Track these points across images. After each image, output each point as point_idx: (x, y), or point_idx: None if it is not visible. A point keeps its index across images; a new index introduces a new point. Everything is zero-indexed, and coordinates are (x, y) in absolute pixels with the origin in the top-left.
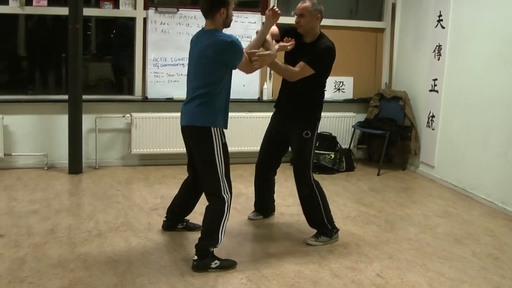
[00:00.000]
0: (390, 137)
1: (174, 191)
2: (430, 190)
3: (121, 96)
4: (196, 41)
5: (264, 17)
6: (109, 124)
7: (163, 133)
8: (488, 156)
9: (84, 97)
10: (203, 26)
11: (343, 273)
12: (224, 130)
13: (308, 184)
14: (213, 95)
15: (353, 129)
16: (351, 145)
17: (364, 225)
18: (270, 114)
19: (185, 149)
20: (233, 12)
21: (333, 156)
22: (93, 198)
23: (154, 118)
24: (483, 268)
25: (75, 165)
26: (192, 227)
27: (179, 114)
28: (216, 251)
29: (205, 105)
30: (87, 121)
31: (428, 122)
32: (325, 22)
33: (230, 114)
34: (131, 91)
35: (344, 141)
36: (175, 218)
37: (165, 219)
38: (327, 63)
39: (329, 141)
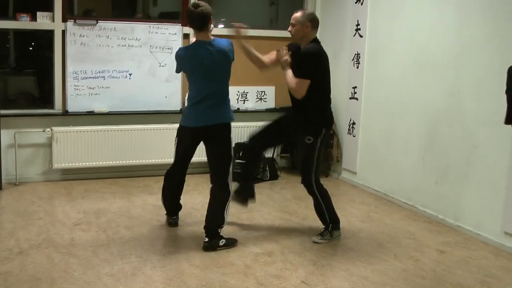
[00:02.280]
0: None
1: (97, 205)
2: (352, 196)
3: (40, 110)
4: (199, 52)
5: (184, 28)
6: (29, 139)
7: (85, 147)
8: (407, 161)
9: (2, 111)
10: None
11: (269, 281)
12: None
13: (310, 186)
14: (227, 94)
15: None
16: (274, 154)
17: (289, 233)
18: None
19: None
20: (153, 23)
21: None
22: (14, 215)
23: (75, 131)
24: (404, 270)
25: None
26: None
27: (100, 127)
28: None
29: (227, 104)
30: (6, 136)
31: (349, 129)
32: (247, 32)
33: (152, 126)
34: (51, 105)
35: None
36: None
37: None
38: (312, 66)
39: None
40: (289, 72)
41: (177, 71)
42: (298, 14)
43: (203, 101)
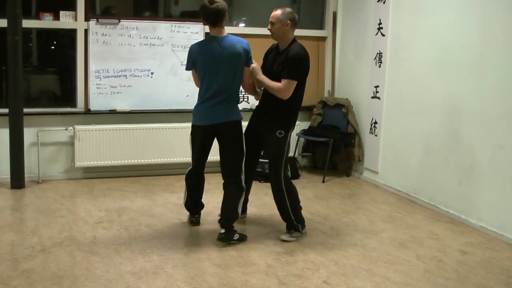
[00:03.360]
0: (334, 144)
1: (119, 203)
2: (374, 195)
3: (63, 109)
4: (210, 47)
5: (206, 26)
6: (51, 138)
7: (107, 145)
8: (430, 160)
9: (25, 110)
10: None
11: (290, 281)
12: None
13: (278, 183)
14: (237, 92)
15: (297, 137)
16: (296, 153)
17: (310, 232)
18: None
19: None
20: (174, 22)
21: None
22: (36, 213)
23: (97, 130)
24: (427, 271)
25: (17, 180)
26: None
27: (122, 126)
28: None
29: (236, 102)
30: (29, 134)
31: (371, 129)
32: (267, 31)
33: (173, 124)
34: (73, 104)
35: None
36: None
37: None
38: (303, 70)
39: None
40: (265, 78)
41: (188, 68)
42: (278, 12)
43: (211, 98)
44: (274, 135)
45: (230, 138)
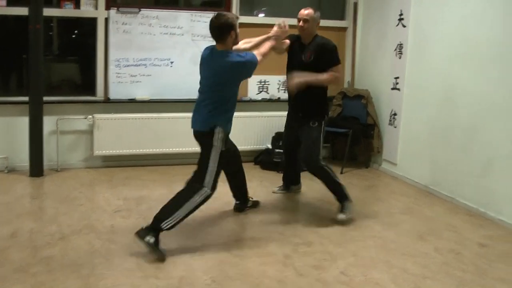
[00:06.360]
0: (353, 135)
1: (138, 192)
2: (393, 187)
3: (83, 97)
4: (208, 59)
5: None
6: (71, 126)
7: (126, 134)
8: (449, 153)
9: (45, 98)
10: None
11: (308, 271)
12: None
13: (317, 167)
14: (223, 105)
15: None
16: None
17: (329, 223)
18: None
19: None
20: (195, 12)
21: None
22: (55, 201)
23: (117, 119)
24: (445, 263)
25: (37, 168)
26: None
27: (141, 115)
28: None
29: (217, 114)
30: (49, 123)
31: (390, 120)
32: (289, 21)
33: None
34: (93, 92)
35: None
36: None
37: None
38: (338, 54)
39: None
40: (315, 77)
41: None
42: (311, 11)
43: (198, 105)
44: (308, 126)
45: (201, 144)
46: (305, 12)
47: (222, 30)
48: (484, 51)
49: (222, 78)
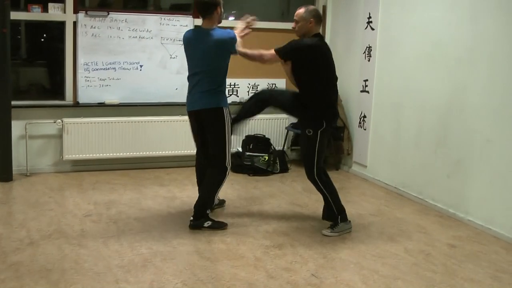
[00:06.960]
0: None
1: (108, 196)
2: (363, 189)
3: (51, 102)
4: (197, 39)
5: (195, 19)
6: (39, 130)
7: (96, 138)
8: (419, 154)
9: (13, 103)
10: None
11: (279, 274)
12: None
13: (312, 178)
14: (222, 82)
15: (286, 130)
16: (285, 146)
17: (299, 226)
18: None
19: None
20: (164, 15)
21: (267, 158)
22: (25, 206)
23: (86, 123)
24: (416, 264)
25: (5, 173)
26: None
27: (110, 119)
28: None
29: (218, 92)
30: (17, 127)
31: (360, 122)
32: (257, 24)
33: (162, 118)
34: (62, 96)
35: (278, 143)
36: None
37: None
38: (288, 49)
39: (263, 143)
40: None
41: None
42: (301, 11)
43: (195, 86)
44: (304, 134)
45: (208, 124)
46: (296, 12)
47: (209, 6)
48: (451, 53)
49: (214, 53)
